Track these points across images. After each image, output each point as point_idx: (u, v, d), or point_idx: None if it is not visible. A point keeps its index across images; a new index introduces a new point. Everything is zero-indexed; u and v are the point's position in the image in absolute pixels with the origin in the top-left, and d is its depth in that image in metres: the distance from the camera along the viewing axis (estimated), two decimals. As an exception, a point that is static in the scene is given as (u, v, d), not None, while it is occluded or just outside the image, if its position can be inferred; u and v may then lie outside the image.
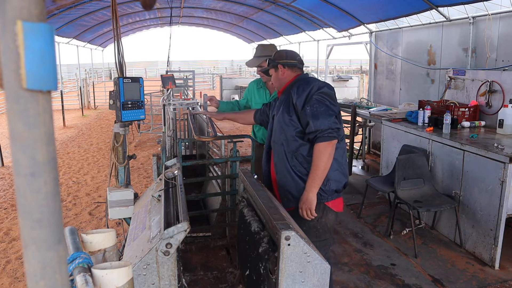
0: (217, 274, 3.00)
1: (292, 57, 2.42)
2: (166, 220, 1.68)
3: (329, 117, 2.13)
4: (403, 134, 4.50)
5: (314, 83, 2.22)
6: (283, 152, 2.29)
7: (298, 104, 2.20)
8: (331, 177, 2.21)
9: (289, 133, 2.25)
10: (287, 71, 2.39)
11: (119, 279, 0.87)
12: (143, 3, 0.70)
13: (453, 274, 3.29)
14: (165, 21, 13.33)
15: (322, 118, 2.12)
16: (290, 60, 2.40)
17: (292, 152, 2.25)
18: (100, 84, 20.70)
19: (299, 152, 2.24)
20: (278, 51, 2.50)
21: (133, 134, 9.64)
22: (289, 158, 2.26)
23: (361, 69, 32.10)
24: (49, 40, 0.39)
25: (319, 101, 2.16)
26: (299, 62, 2.42)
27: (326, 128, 2.11)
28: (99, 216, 4.80)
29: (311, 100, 2.16)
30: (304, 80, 2.31)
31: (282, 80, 2.41)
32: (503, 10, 4.64)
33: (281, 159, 2.30)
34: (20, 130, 0.38)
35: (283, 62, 2.39)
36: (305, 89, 2.20)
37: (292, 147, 2.25)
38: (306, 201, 2.17)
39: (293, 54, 2.44)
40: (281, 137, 2.30)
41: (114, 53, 2.42)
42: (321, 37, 10.52)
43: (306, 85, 2.23)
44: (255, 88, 3.46)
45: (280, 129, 2.31)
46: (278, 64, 2.40)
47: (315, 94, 2.17)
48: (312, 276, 1.55)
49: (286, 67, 2.38)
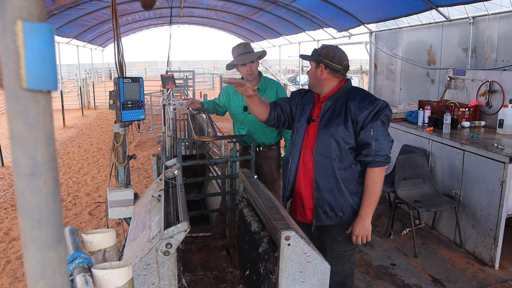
0: (217, 274, 3.00)
1: (339, 61, 2.15)
2: (166, 220, 1.68)
3: (389, 143, 2.06)
4: (403, 134, 4.50)
5: (378, 101, 2.06)
6: (333, 167, 2.09)
7: (360, 121, 2.04)
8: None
9: (344, 147, 2.08)
10: (327, 73, 2.16)
11: (119, 279, 0.87)
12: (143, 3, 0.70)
13: (453, 274, 3.29)
14: (165, 21, 13.33)
15: (385, 143, 2.03)
16: (336, 64, 2.14)
17: (345, 168, 2.10)
18: (100, 84, 20.71)
19: (352, 169, 2.10)
20: (328, 47, 2.19)
21: (133, 134, 9.64)
22: (341, 174, 2.09)
23: (361, 69, 32.07)
24: (49, 40, 0.39)
25: (384, 123, 2.04)
26: (344, 69, 2.16)
27: (386, 154, 2.04)
28: (99, 216, 4.80)
29: (376, 122, 2.02)
30: (361, 92, 2.15)
31: (319, 80, 2.19)
32: (503, 10, 4.64)
33: (329, 174, 2.10)
34: (20, 130, 0.38)
35: (326, 63, 2.14)
36: (369, 107, 2.04)
37: (346, 163, 2.09)
38: (362, 228, 2.08)
39: (341, 57, 2.16)
40: (332, 150, 2.09)
41: (114, 53, 2.42)
42: (321, 37, 10.53)
43: (369, 102, 2.06)
44: (232, 91, 3.36)
45: (333, 142, 2.09)
46: (321, 63, 2.16)
47: (381, 115, 2.03)
48: (312, 276, 1.55)
49: (328, 69, 2.15)
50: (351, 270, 2.29)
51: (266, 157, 3.36)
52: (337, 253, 2.19)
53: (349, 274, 2.29)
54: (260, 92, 3.28)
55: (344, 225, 2.13)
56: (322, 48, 2.19)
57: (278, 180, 3.52)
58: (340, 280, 2.24)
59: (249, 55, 3.19)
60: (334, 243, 2.19)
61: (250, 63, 3.16)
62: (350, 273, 2.29)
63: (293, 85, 18.54)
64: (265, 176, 3.39)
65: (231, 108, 3.40)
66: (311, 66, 2.25)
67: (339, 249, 2.18)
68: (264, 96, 3.28)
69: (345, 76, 2.22)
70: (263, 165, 3.38)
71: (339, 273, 2.21)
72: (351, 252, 2.22)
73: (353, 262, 2.28)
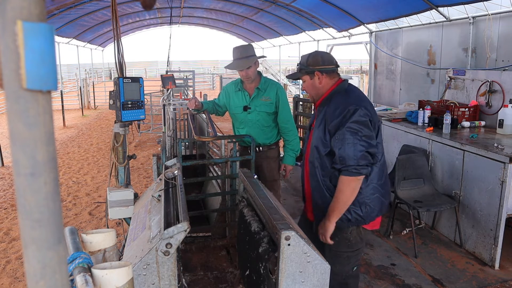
0: (217, 274, 3.00)
1: (329, 62, 2.14)
2: (166, 220, 1.68)
3: (356, 152, 1.96)
4: (403, 134, 4.50)
5: (350, 106, 2.00)
6: (317, 173, 2.15)
7: (331, 130, 2.05)
8: (370, 203, 2.10)
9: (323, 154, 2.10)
10: (325, 78, 2.15)
11: (119, 279, 0.87)
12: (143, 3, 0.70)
13: (453, 274, 3.29)
14: (165, 21, 13.33)
15: (350, 151, 1.96)
16: (328, 65, 2.13)
17: (327, 175, 2.12)
18: (100, 84, 20.71)
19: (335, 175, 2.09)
20: (312, 55, 2.19)
21: (133, 134, 9.64)
22: (323, 181, 2.13)
23: (361, 69, 32.09)
24: (49, 40, 0.39)
25: (351, 131, 1.97)
26: (336, 66, 2.16)
27: (353, 164, 1.96)
28: (99, 216, 4.80)
29: (342, 130, 1.98)
30: (341, 97, 2.10)
31: (320, 89, 2.18)
32: (503, 10, 4.64)
33: (315, 180, 2.17)
34: (20, 130, 0.38)
35: (320, 69, 2.12)
36: (339, 115, 2.01)
37: (327, 170, 2.12)
38: (322, 227, 2.11)
39: (330, 58, 2.18)
40: (315, 158, 2.14)
41: (114, 53, 2.42)
42: (321, 37, 10.53)
43: (340, 107, 2.02)
44: (232, 91, 3.38)
45: (314, 149, 2.15)
46: (315, 71, 2.13)
47: (349, 122, 1.97)
48: (312, 276, 1.55)
49: (324, 74, 2.13)
50: (353, 272, 2.28)
51: (266, 156, 3.36)
52: (335, 253, 2.21)
53: (350, 276, 2.28)
54: (260, 92, 3.28)
55: (339, 227, 2.14)
56: (307, 59, 2.19)
57: (278, 180, 3.53)
58: (340, 280, 2.24)
59: (245, 61, 3.18)
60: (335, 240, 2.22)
61: (246, 69, 3.17)
62: (351, 275, 2.28)
63: (293, 85, 18.53)
64: (265, 176, 3.39)
65: (231, 108, 3.40)
66: (305, 80, 2.22)
67: (337, 250, 2.20)
68: (264, 96, 3.28)
69: (339, 75, 2.22)
70: (263, 164, 3.38)
71: (338, 273, 2.22)
72: (350, 254, 2.21)
73: (355, 265, 2.26)
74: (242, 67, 3.16)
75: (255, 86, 3.29)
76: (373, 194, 2.11)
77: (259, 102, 3.27)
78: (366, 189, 2.09)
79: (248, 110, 3.30)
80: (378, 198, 2.13)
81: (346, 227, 2.14)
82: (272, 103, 3.28)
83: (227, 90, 3.46)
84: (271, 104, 3.28)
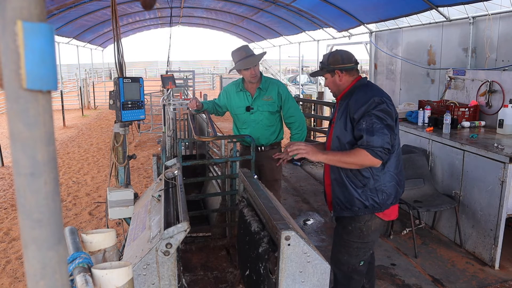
0: (217, 274, 3.00)
1: (348, 60, 2.28)
2: (166, 220, 1.68)
3: (384, 136, 2.06)
4: (403, 134, 4.49)
5: (373, 97, 2.11)
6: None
7: (356, 118, 2.13)
8: (387, 190, 2.18)
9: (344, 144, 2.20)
10: (345, 76, 2.28)
11: (119, 279, 0.87)
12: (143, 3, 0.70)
13: (453, 274, 3.29)
14: (165, 21, 13.33)
15: (377, 135, 2.05)
16: (348, 64, 2.27)
17: None
18: (100, 84, 20.72)
19: None
20: (332, 54, 2.32)
21: (133, 134, 9.65)
22: (344, 170, 2.21)
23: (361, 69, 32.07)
24: (49, 40, 0.39)
25: (377, 117, 2.08)
26: (355, 63, 2.29)
27: (378, 146, 2.05)
28: (99, 216, 4.80)
29: (369, 116, 2.08)
30: (363, 90, 2.21)
31: (341, 86, 2.31)
32: (503, 10, 4.64)
33: (335, 171, 2.25)
34: (20, 130, 0.38)
35: (340, 67, 2.26)
36: (364, 104, 2.11)
37: None
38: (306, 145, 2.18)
39: (349, 56, 2.30)
40: (336, 148, 2.25)
41: (114, 53, 2.42)
42: (321, 37, 10.53)
43: (364, 98, 2.13)
44: (233, 92, 3.39)
45: (335, 140, 2.25)
46: (336, 70, 2.27)
47: (375, 110, 2.08)
48: (312, 276, 1.55)
49: (344, 71, 2.26)
50: (359, 267, 2.34)
51: (268, 156, 3.37)
52: (346, 241, 2.30)
53: (356, 270, 2.35)
54: (262, 92, 3.29)
55: (356, 217, 2.22)
56: (328, 58, 2.32)
57: (279, 179, 3.53)
58: (346, 272, 2.34)
59: (252, 59, 3.21)
60: (344, 231, 2.31)
61: (253, 66, 3.19)
62: (357, 269, 2.34)
63: (293, 85, 18.54)
64: (267, 175, 3.39)
65: (233, 109, 3.40)
66: (327, 77, 2.36)
67: (348, 238, 2.29)
68: (266, 96, 3.29)
69: (358, 72, 2.35)
70: (264, 164, 3.38)
71: (345, 263, 2.32)
72: (360, 245, 2.27)
73: (362, 259, 2.32)
74: (251, 64, 3.20)
75: (257, 86, 3.30)
76: (390, 181, 2.19)
77: (262, 102, 3.28)
78: (383, 177, 2.17)
79: (251, 110, 3.31)
80: (394, 186, 2.22)
81: (362, 215, 2.21)
82: (274, 102, 3.29)
83: (227, 91, 3.46)
84: (274, 103, 3.29)
